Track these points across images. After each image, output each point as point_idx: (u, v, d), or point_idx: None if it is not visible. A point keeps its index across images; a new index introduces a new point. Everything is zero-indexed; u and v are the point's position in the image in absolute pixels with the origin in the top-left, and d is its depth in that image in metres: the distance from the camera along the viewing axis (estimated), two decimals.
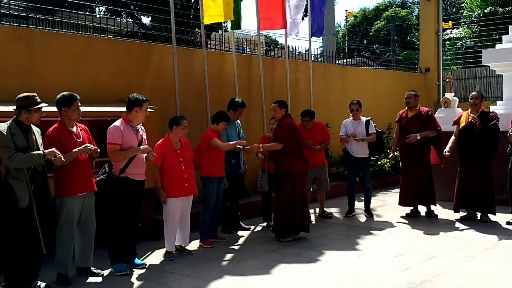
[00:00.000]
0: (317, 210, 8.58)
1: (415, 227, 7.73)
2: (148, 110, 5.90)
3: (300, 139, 6.91)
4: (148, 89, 7.65)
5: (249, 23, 25.01)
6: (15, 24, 7.33)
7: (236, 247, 6.72)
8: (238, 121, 7.59)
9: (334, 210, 8.90)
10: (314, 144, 7.92)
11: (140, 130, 5.81)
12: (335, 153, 10.75)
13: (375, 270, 5.67)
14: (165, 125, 6.75)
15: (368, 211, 8.50)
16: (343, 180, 9.64)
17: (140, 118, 5.75)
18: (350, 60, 17.63)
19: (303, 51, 11.64)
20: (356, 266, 5.84)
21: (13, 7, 7.93)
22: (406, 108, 8.46)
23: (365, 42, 39.40)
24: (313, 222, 8.18)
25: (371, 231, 7.47)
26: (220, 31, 13.26)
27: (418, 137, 8.01)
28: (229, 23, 9.62)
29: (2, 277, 4.92)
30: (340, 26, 41.53)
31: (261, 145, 7.06)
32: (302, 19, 10.39)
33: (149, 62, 8.20)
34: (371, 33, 38.08)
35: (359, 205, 8.85)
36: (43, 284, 5.10)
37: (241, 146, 6.80)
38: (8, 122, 4.87)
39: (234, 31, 9.52)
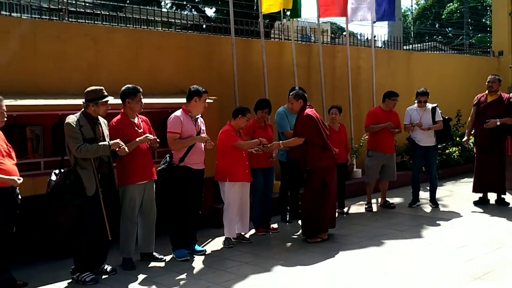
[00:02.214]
0: (379, 200, 8.43)
1: (483, 216, 7.44)
2: (207, 101, 6.03)
3: (324, 130, 6.35)
4: (208, 80, 7.80)
5: (311, 11, 24.74)
6: (82, 20, 7.68)
7: (295, 236, 6.75)
8: None
9: (397, 200, 8.71)
10: (386, 129, 7.87)
11: (199, 120, 5.95)
12: (400, 142, 10.50)
13: (437, 260, 5.52)
14: (224, 116, 6.89)
15: (433, 201, 8.26)
16: (408, 170, 9.44)
17: (199, 109, 5.89)
18: (420, 45, 17.09)
19: (369, 38, 11.42)
20: (418, 256, 5.71)
21: (80, 3, 8.31)
22: (486, 92, 8.15)
23: (436, 26, 37.95)
24: (375, 210, 8.09)
25: (436, 221, 7.26)
26: (284, 20, 13.25)
27: (498, 123, 7.79)
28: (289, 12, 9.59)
29: (72, 261, 5.21)
30: (410, 10, 40.21)
31: (280, 142, 6.62)
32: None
33: (208, 53, 8.35)
34: (443, 16, 36.58)
35: (424, 195, 8.61)
36: (109, 268, 5.36)
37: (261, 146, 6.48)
38: (77, 114, 5.13)
39: (296, 19, 9.50)
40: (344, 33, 10.75)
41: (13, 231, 4.91)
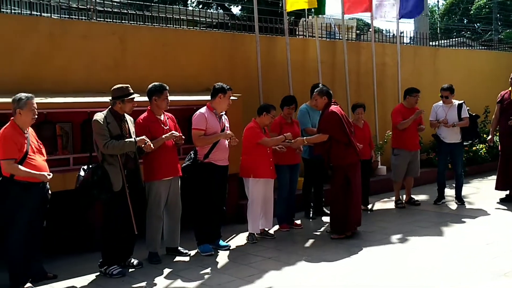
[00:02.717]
0: (404, 197, 8.40)
1: (510, 214, 7.35)
2: (232, 98, 6.10)
3: (348, 127, 6.33)
4: (232, 78, 7.87)
5: (336, 7, 24.62)
6: (109, 20, 7.84)
7: (318, 233, 6.78)
8: None
9: (422, 198, 8.65)
10: (409, 127, 7.83)
11: (223, 117, 6.02)
12: (425, 139, 10.41)
13: (461, 257, 5.50)
14: (248, 113, 6.95)
15: (459, 198, 8.19)
16: (433, 167, 9.37)
17: (223, 106, 5.96)
18: (447, 41, 16.87)
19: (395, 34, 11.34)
20: (442, 253, 5.69)
21: (107, 3, 8.48)
22: (510, 89, 8.05)
23: (465, 22, 37.28)
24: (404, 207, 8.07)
25: (462, 219, 7.21)
26: (310, 17, 13.26)
27: None
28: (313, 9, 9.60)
29: (100, 255, 5.35)
30: (437, 6, 39.61)
31: (305, 138, 6.60)
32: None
33: (233, 51, 8.42)
34: (472, 12, 35.92)
35: (449, 193, 8.54)
36: (136, 261, 5.49)
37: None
38: (104, 112, 5.25)
39: (322, 16, 9.51)
40: (371, 30, 10.68)
41: (44, 225, 5.07)
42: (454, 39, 19.09)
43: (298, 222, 7.11)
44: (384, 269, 5.25)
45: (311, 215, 7.50)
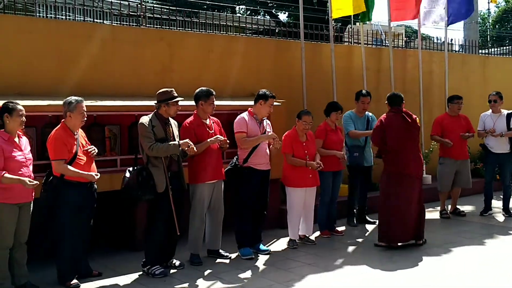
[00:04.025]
0: (449, 207, 8.22)
1: None
2: (275, 104, 6.15)
3: (391, 135, 6.24)
4: (276, 84, 7.93)
5: (384, 14, 24.38)
6: (158, 26, 8.05)
7: (359, 240, 6.74)
8: (369, 113, 7.47)
9: (468, 208, 8.45)
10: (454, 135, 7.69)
11: (264, 122, 6.08)
12: (473, 148, 10.15)
13: (504, 270, 5.35)
14: (292, 119, 6.97)
15: (507, 210, 7.96)
16: (481, 177, 9.14)
17: (263, 112, 6.00)
18: (498, 49, 16.40)
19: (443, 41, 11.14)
20: (485, 265, 5.57)
21: (157, 8, 8.71)
22: None
23: None
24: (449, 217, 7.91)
25: (509, 231, 7.01)
26: (357, 24, 13.20)
27: None
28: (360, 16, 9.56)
29: (143, 254, 5.49)
30: (489, 13, 38.50)
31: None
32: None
33: (278, 57, 8.49)
34: None
35: (497, 204, 8.30)
36: (177, 262, 5.60)
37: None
38: (150, 115, 5.40)
39: (370, 23, 9.47)
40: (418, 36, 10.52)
41: (91, 224, 5.26)
42: (506, 47, 18.52)
43: (340, 229, 7.07)
44: (425, 279, 5.18)
45: (354, 222, 7.44)
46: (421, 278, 5.20)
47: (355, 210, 7.53)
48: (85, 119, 5.11)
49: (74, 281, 5.03)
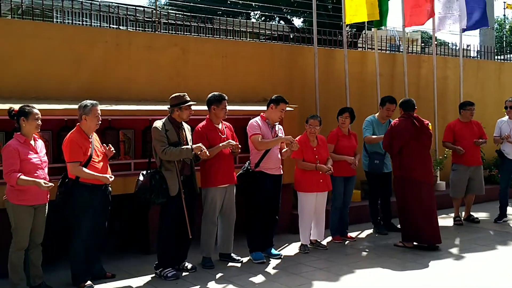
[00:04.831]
0: (463, 213, 8.16)
1: None
2: (288, 109, 6.18)
3: (397, 140, 6.40)
4: (290, 89, 7.97)
5: (398, 20, 24.25)
6: (173, 32, 8.14)
7: (371, 245, 6.72)
8: (392, 120, 7.40)
9: (482, 215, 8.38)
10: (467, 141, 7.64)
11: (276, 127, 6.11)
12: (488, 155, 10.09)
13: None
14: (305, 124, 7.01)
15: None
16: (496, 184, 9.07)
17: (274, 116, 6.02)
18: None
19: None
20: (499, 272, 5.52)
21: (172, 14, 8.81)
22: None
23: None
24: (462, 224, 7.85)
25: None
26: (372, 29, 13.20)
27: None
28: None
29: (155, 257, 5.54)
30: (505, 19, 38.14)
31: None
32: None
33: (291, 63, 8.53)
34: None
35: None
36: (190, 265, 5.65)
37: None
38: (163, 119, 5.47)
39: (385, 29, 9.46)
40: (436, 43, 10.48)
41: (106, 226, 5.32)
42: None
43: (353, 234, 7.06)
44: (438, 285, 5.15)
45: (384, 230, 7.31)
46: (435, 285, 5.17)
47: (379, 218, 7.44)
48: (100, 122, 5.19)
49: (88, 282, 5.09)
